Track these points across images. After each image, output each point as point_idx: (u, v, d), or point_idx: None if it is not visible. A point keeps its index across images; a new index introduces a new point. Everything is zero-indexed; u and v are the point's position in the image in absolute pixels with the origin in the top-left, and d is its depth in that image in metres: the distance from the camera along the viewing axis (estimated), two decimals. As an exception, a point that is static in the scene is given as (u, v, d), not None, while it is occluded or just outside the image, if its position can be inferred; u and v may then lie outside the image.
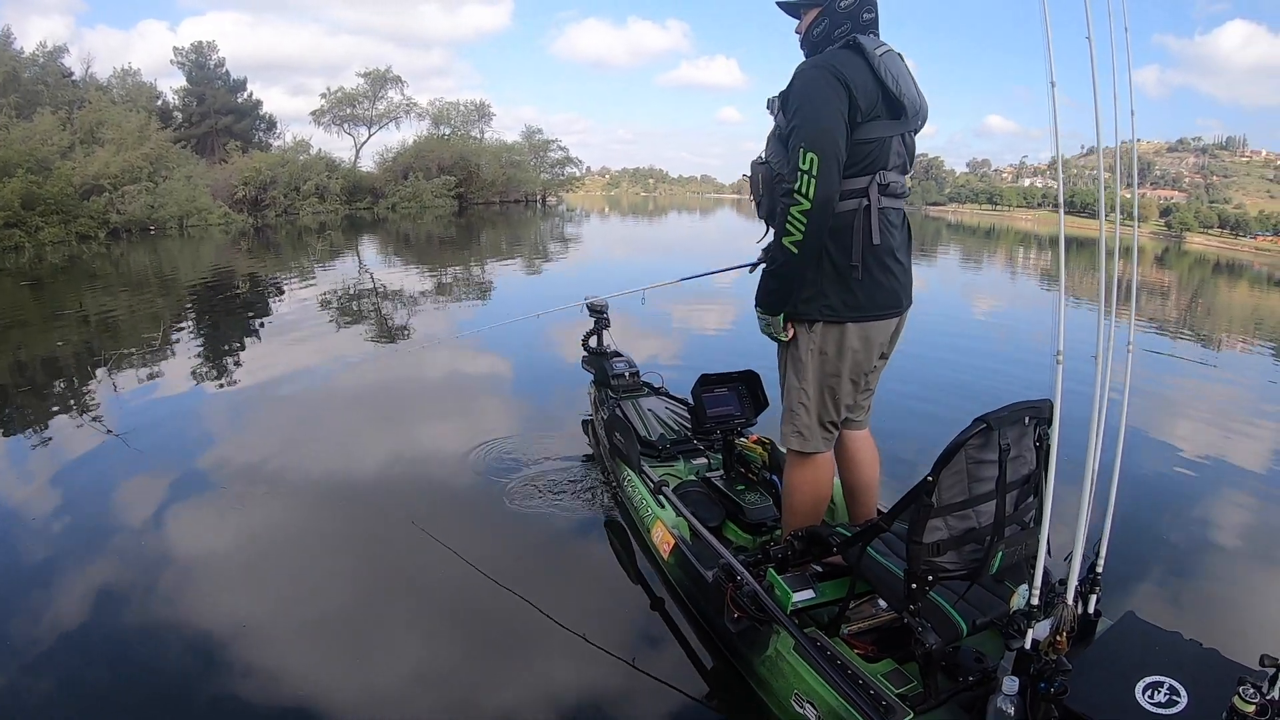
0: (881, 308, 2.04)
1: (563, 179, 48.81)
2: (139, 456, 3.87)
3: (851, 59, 1.89)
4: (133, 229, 18.46)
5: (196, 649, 2.29)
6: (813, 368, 2.06)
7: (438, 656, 2.36)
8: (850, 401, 2.14)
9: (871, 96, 1.89)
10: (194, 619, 2.44)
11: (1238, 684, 1.37)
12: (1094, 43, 1.48)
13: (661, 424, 3.52)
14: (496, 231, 23.82)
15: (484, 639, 2.44)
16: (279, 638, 2.40)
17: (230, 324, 8.00)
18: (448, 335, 7.34)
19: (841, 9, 1.96)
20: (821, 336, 2.04)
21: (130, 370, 5.74)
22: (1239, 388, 6.72)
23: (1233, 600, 2.78)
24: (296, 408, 4.95)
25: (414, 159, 34.20)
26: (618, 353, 4.07)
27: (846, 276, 1.97)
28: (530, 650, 2.38)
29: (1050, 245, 31.15)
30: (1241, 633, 2.49)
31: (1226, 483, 3.98)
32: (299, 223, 23.54)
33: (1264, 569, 3.05)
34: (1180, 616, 2.53)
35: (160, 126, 22.23)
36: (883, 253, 1.99)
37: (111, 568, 2.80)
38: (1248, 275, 25.93)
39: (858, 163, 1.92)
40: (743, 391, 3.00)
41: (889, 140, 1.95)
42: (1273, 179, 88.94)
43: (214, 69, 34.53)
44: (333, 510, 3.36)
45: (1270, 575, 2.99)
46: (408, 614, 2.56)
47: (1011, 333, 8.96)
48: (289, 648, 2.36)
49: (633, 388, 3.83)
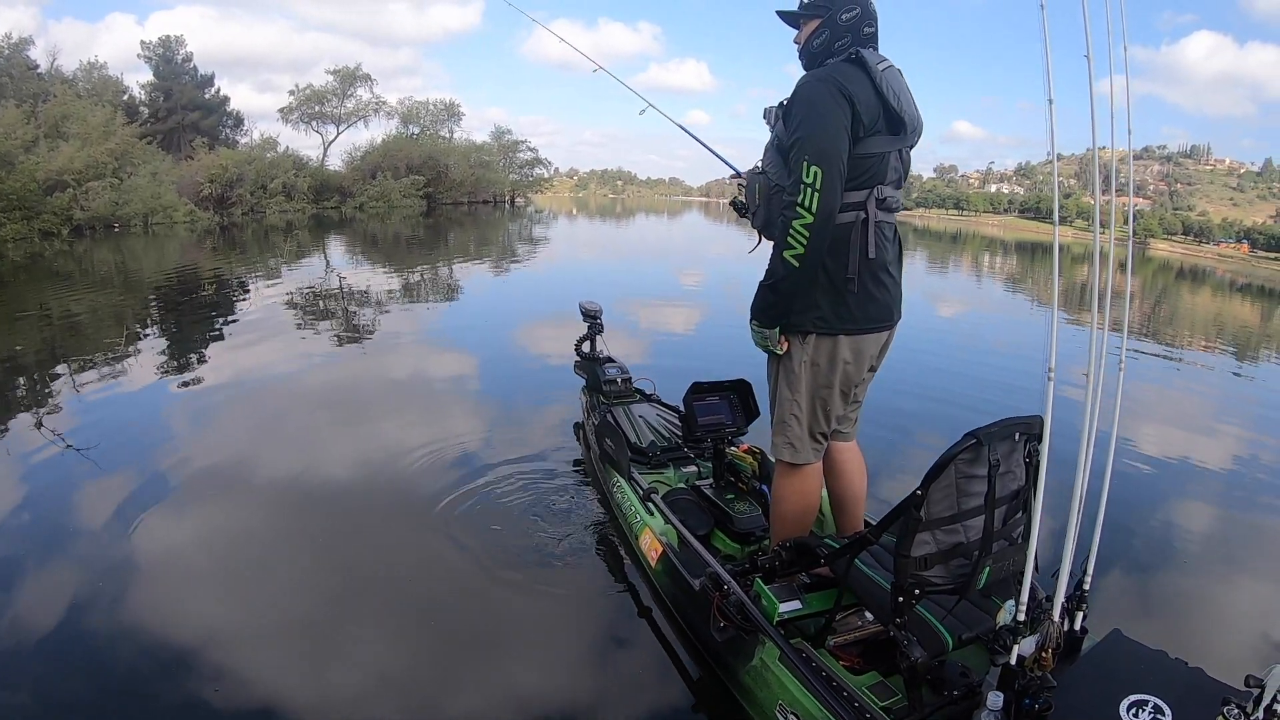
0: (874, 321, 2.04)
1: (531, 180, 48.33)
2: (98, 459, 3.77)
3: (855, 73, 1.90)
4: (97, 226, 18.02)
5: (161, 655, 2.25)
6: (805, 379, 2.06)
7: (408, 661, 2.33)
8: (840, 413, 2.15)
9: (873, 112, 1.90)
10: (158, 625, 2.39)
11: (1222, 704, 1.37)
12: (1093, 60, 1.49)
13: (653, 431, 3.51)
14: (465, 232, 23.60)
15: (459, 644, 2.41)
16: (246, 641, 2.36)
17: (194, 325, 7.80)
18: (413, 336, 7.30)
19: (843, 22, 1.97)
20: (814, 348, 2.04)
21: (92, 372, 5.56)
22: (1223, 396, 6.80)
23: (1219, 619, 2.79)
24: (260, 409, 4.87)
25: (382, 158, 33.69)
26: (610, 358, 4.06)
27: (841, 289, 1.98)
28: (507, 656, 2.36)
29: (1015, 251, 31.73)
30: (1227, 652, 2.50)
31: (1215, 501, 4.00)
32: (265, 221, 23.10)
33: (1249, 588, 3.06)
34: (1166, 635, 2.52)
35: (126, 121, 21.68)
36: (877, 266, 2.00)
37: (71, 575, 2.72)
38: (1210, 281, 26.42)
39: (857, 177, 1.93)
40: (734, 400, 2.99)
41: (887, 155, 1.96)
42: (1236, 187, 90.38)
43: (181, 64, 33.80)
44: (301, 512, 3.32)
45: (1256, 594, 3.00)
46: (378, 618, 2.53)
47: (972, 337, 9.08)
48: (256, 651, 2.32)
49: (624, 394, 3.82)
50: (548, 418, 4.63)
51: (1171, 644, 1.80)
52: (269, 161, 27.61)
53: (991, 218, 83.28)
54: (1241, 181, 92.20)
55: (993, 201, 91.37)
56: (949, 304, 12.33)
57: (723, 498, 2.78)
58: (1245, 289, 24.71)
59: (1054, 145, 1.50)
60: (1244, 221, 73.08)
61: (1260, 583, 3.12)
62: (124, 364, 5.78)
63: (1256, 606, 2.91)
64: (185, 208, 21.63)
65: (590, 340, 4.14)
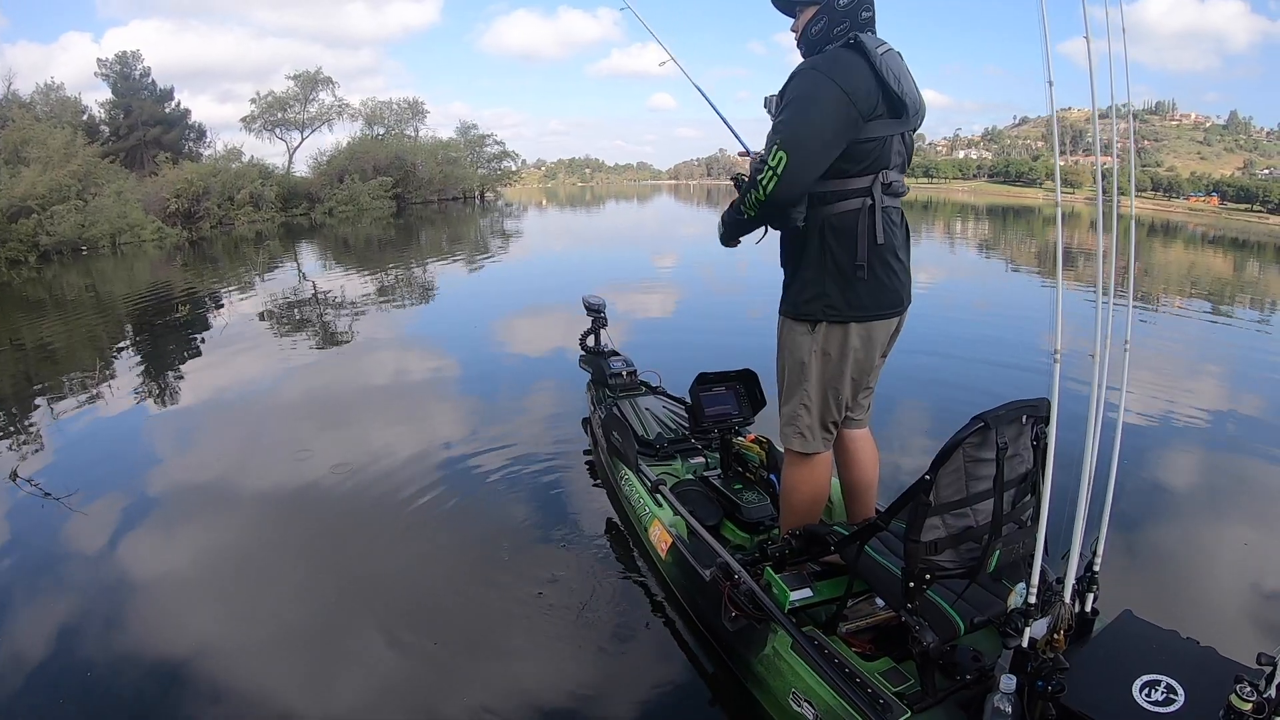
0: (884, 307, 2.03)
1: (500, 174, 47.55)
2: (82, 485, 3.66)
3: (853, 59, 1.88)
4: (64, 250, 17.51)
5: (160, 677, 2.24)
6: (815, 368, 2.06)
7: (417, 661, 2.34)
8: (851, 401, 2.14)
9: (872, 97, 1.88)
10: (154, 648, 2.38)
11: (1235, 682, 1.37)
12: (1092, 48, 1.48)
13: (659, 423, 3.51)
14: (436, 230, 23.35)
15: (470, 642, 2.42)
16: (244, 658, 2.35)
17: (170, 343, 7.56)
18: (395, 338, 7.25)
19: (840, 7, 1.95)
20: (824, 337, 2.03)
21: (70, 399, 5.37)
22: (1231, 359, 6.73)
23: (1230, 598, 2.79)
24: (246, 422, 4.79)
25: (349, 161, 33.07)
26: (615, 352, 4.07)
27: (850, 276, 1.97)
28: (518, 652, 2.37)
29: (987, 215, 31.63)
30: (1238, 631, 2.49)
31: (1225, 477, 3.98)
32: (235, 233, 22.59)
33: (1260, 566, 3.05)
34: (1177, 614, 2.52)
35: (87, 141, 21.16)
36: (886, 252, 1.99)
37: (61, 602, 2.69)
38: (1183, 235, 26.42)
39: (860, 161, 1.92)
40: (741, 390, 2.99)
41: (890, 139, 1.95)
42: (1202, 141, 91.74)
43: (139, 79, 33.18)
44: (297, 521, 3.33)
45: (1267, 573, 2.99)
46: (382, 621, 2.53)
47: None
48: (255, 668, 2.31)
49: (630, 387, 3.83)
50: (555, 413, 4.64)
51: (1183, 624, 1.80)
52: (234, 172, 26.93)
53: (961, 184, 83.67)
54: (1208, 135, 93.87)
55: (961, 168, 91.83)
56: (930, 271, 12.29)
57: (731, 488, 2.79)
58: (1218, 241, 25.05)
59: (1055, 142, 1.49)
60: (1212, 175, 74.05)
61: (1271, 560, 3.11)
62: (101, 388, 5.63)
63: (1267, 584, 2.91)
64: (153, 225, 20.91)
65: (595, 334, 4.15)
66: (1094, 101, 1.52)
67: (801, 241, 2.02)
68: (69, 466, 4.03)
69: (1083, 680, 1.58)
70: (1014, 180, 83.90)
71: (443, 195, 38.00)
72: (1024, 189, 79.18)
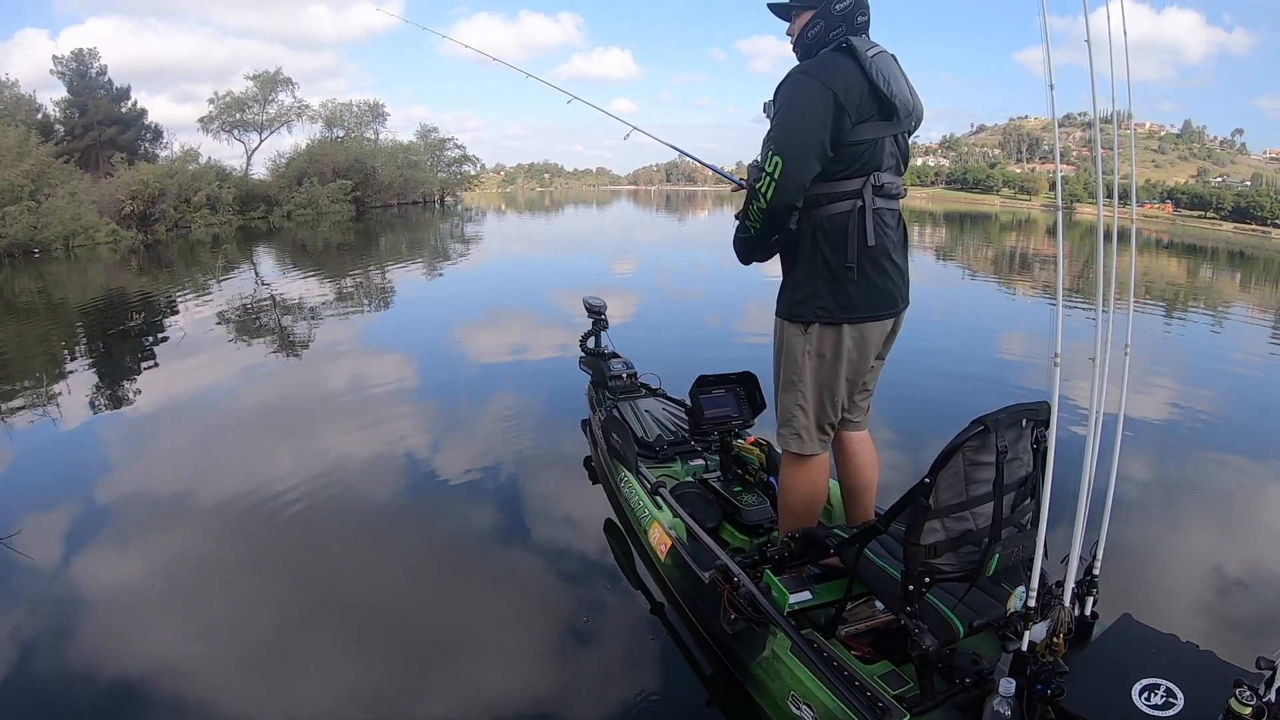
0: (876, 309, 2.04)
1: (460, 178, 47.15)
2: (34, 496, 3.56)
3: (843, 62, 1.90)
4: (16, 253, 16.96)
5: (117, 692, 2.19)
6: (810, 370, 2.06)
7: (419, 661, 2.34)
8: (847, 403, 2.14)
9: (863, 99, 1.89)
10: (113, 662, 2.33)
11: (1234, 686, 1.37)
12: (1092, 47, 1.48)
13: (659, 425, 3.51)
14: (396, 235, 23.16)
15: (468, 644, 2.42)
16: (206, 669, 2.30)
17: (125, 350, 7.20)
18: (356, 343, 7.15)
19: (837, 11, 1.96)
20: (818, 339, 2.03)
21: (22, 413, 5.08)
22: (1224, 365, 6.75)
23: (1229, 602, 2.78)
24: (207, 433, 4.64)
25: (308, 163, 32.25)
26: (615, 354, 4.07)
27: (841, 278, 1.98)
28: (518, 653, 2.37)
29: (945, 221, 32.83)
30: (1238, 635, 2.49)
31: (1225, 481, 3.98)
32: (191, 236, 22.08)
33: (1260, 570, 3.05)
34: (1177, 618, 2.53)
35: (41, 141, 20.66)
36: (878, 254, 1.99)
37: (13, 619, 2.59)
38: (1140, 242, 26.38)
39: (850, 164, 1.93)
40: (740, 393, 2.99)
41: (881, 141, 1.96)
42: (1157, 149, 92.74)
43: (95, 78, 32.09)
44: (295, 529, 3.26)
45: (1267, 577, 2.99)
46: (385, 623, 2.53)
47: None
48: (217, 678, 2.25)
49: (630, 389, 3.83)
50: (554, 415, 4.64)
51: (1183, 628, 1.80)
52: (191, 174, 26.19)
53: (920, 190, 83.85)
54: (1162, 144, 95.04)
55: (919, 174, 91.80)
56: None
57: (730, 490, 2.79)
58: (1171, 246, 25.87)
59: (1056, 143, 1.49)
60: (1166, 182, 75.63)
61: (1271, 564, 3.11)
62: (54, 397, 5.41)
63: (1267, 588, 2.90)
64: (107, 228, 20.27)
65: (595, 336, 4.14)
66: (1094, 105, 1.52)
67: (794, 244, 2.03)
68: (12, 482, 3.85)
69: (1082, 684, 1.58)
70: (971, 187, 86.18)
71: (402, 199, 37.60)
72: (981, 195, 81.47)
